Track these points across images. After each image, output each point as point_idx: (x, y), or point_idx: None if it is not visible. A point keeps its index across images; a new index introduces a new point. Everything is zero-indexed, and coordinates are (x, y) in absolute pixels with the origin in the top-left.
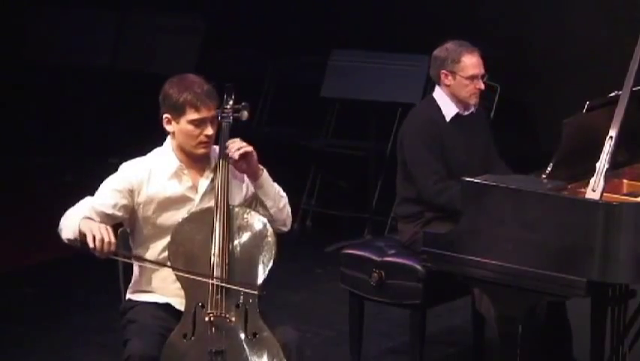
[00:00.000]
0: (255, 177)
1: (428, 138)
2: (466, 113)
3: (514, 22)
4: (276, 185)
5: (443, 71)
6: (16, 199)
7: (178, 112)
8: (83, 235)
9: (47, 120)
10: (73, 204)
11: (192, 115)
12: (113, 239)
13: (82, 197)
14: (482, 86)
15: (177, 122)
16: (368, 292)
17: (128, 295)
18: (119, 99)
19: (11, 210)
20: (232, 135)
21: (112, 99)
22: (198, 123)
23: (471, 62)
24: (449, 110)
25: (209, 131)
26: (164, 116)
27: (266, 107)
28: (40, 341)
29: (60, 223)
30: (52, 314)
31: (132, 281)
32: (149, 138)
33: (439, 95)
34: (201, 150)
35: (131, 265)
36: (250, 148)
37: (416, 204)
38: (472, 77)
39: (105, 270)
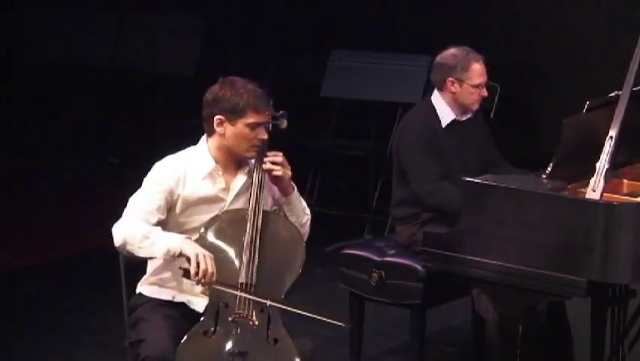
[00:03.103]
0: (285, 194)
1: (423, 141)
2: (464, 118)
3: (515, 22)
4: (303, 202)
5: (450, 78)
6: (16, 199)
7: (237, 114)
8: (186, 258)
9: (47, 120)
10: (73, 204)
11: (252, 118)
12: (214, 270)
13: (81, 197)
14: (486, 94)
15: (233, 125)
16: (368, 292)
17: (139, 289)
18: (119, 99)
19: (11, 210)
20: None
21: (112, 99)
22: (255, 126)
23: (478, 70)
24: (446, 116)
25: (265, 135)
26: (217, 117)
27: None
28: (40, 341)
29: (136, 234)
30: (52, 314)
31: (148, 273)
32: (149, 138)
33: (437, 100)
34: (252, 154)
35: (137, 262)
36: (287, 172)
37: (412, 206)
38: (478, 85)
39: (105, 270)
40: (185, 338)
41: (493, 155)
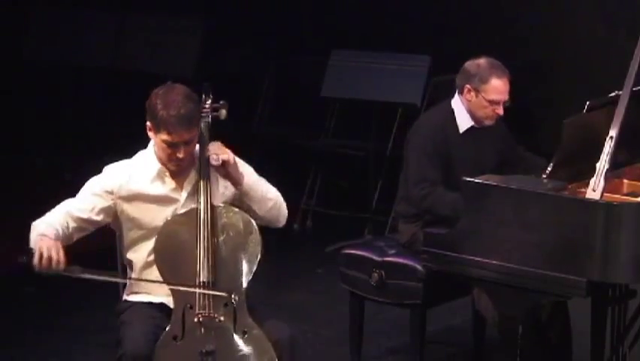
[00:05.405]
0: (236, 184)
1: (431, 145)
2: (481, 125)
3: (514, 22)
4: (262, 188)
5: (468, 85)
6: (16, 199)
7: (155, 127)
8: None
9: (47, 120)
10: None
11: (165, 136)
12: (60, 257)
13: None
14: (501, 112)
15: (156, 135)
16: (368, 292)
17: (125, 297)
18: (119, 99)
19: (11, 210)
20: (215, 134)
21: (112, 99)
22: (170, 144)
23: (496, 87)
24: (464, 121)
25: (180, 154)
26: (147, 124)
27: (266, 107)
28: (40, 341)
29: (32, 226)
30: (52, 314)
31: (127, 283)
32: (149, 138)
33: (457, 104)
34: (172, 168)
35: (130, 266)
36: (228, 156)
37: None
38: (493, 102)
39: (105, 270)
40: (157, 345)
41: (515, 154)
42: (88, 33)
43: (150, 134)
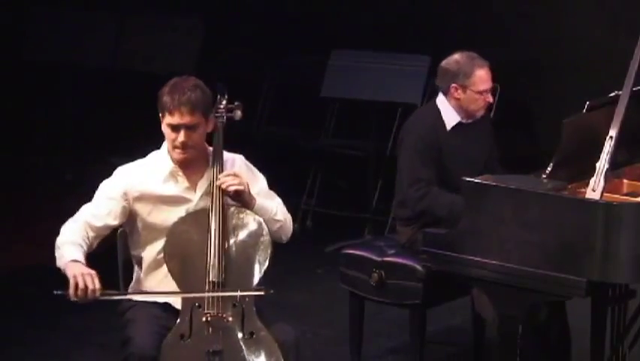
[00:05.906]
0: (247, 207)
1: (422, 146)
2: (469, 120)
3: (514, 22)
4: (271, 209)
5: (454, 84)
6: (16, 199)
7: (161, 113)
8: (67, 280)
9: (47, 120)
10: (72, 204)
11: (167, 119)
12: (95, 286)
13: (82, 197)
14: (491, 99)
15: (162, 123)
16: (368, 292)
17: (128, 295)
18: (119, 99)
19: (11, 210)
20: (228, 135)
21: (112, 99)
22: (173, 128)
23: (482, 77)
24: (451, 118)
25: (181, 137)
26: (160, 115)
27: (266, 107)
28: (40, 341)
29: (57, 243)
30: (52, 314)
31: (132, 281)
32: (149, 138)
33: (443, 103)
34: (177, 155)
35: (132, 265)
36: (243, 187)
37: None
38: (482, 92)
39: (105, 270)
40: (163, 343)
41: (494, 160)
42: (88, 33)
43: (162, 125)
